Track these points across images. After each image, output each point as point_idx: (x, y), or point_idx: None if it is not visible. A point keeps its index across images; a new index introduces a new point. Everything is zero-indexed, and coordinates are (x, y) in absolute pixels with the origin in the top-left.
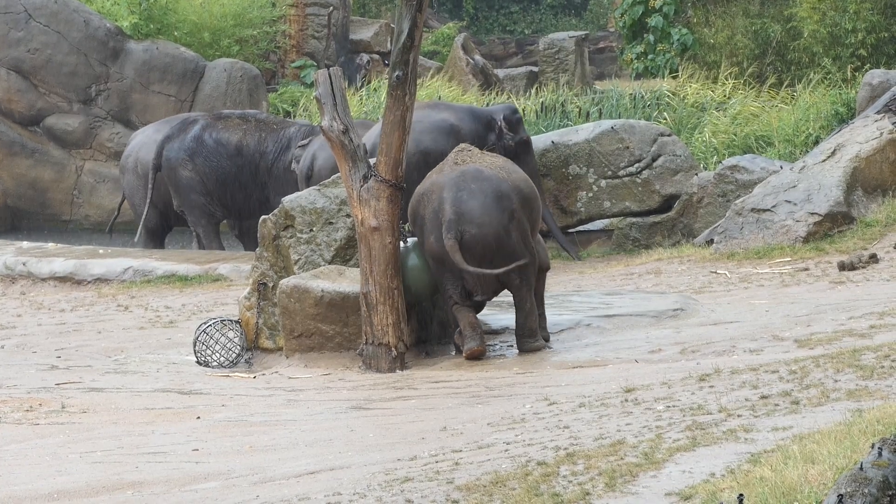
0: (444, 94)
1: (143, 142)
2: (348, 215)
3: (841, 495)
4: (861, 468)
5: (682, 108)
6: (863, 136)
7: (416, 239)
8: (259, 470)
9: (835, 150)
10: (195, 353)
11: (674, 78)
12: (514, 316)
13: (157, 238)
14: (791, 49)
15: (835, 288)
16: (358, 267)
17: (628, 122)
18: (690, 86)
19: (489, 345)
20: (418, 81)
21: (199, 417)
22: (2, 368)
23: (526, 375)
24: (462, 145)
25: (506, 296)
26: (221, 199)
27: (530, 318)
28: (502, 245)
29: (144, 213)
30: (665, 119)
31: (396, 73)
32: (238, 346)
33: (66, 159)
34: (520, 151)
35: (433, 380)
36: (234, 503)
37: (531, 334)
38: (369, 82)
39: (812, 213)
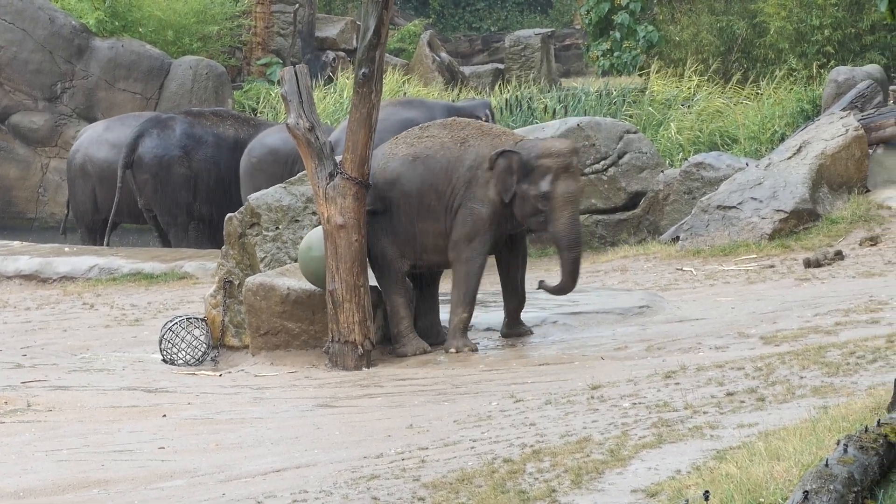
0: (408, 91)
1: (93, 138)
2: (314, 213)
3: (807, 492)
4: (826, 465)
5: (648, 105)
6: (828, 133)
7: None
8: (225, 468)
9: (800, 148)
10: (161, 351)
11: (640, 75)
12: (484, 316)
13: (100, 235)
14: (757, 46)
15: (800, 285)
16: None
17: (594, 119)
18: (656, 83)
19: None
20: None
21: (165, 415)
22: None
23: (492, 373)
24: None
25: (483, 293)
26: (211, 196)
27: (391, 324)
28: None
29: (113, 210)
30: (631, 116)
31: (362, 70)
32: (204, 344)
33: (32, 157)
34: None
35: (399, 377)
36: (201, 501)
37: (394, 339)
38: (334, 80)
39: (778, 210)
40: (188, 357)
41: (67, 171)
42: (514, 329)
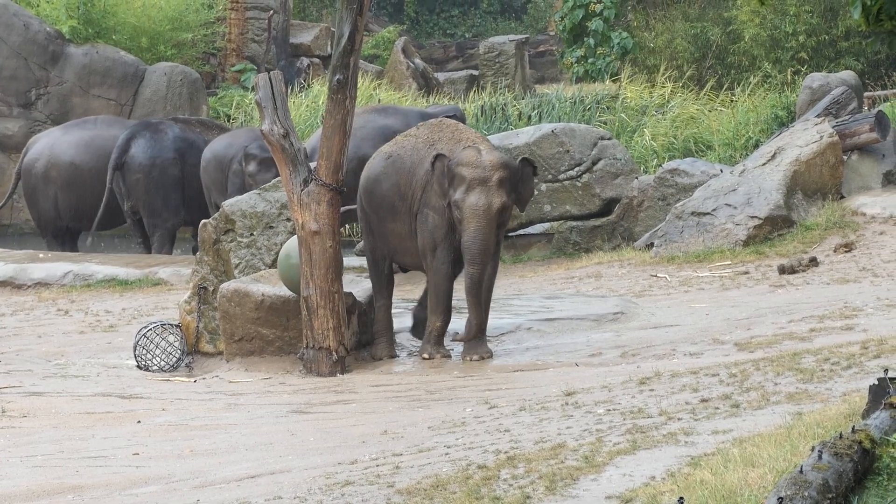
0: (380, 96)
1: (54, 143)
2: (289, 219)
3: (781, 498)
4: (801, 471)
5: (622, 112)
6: (803, 139)
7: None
8: (199, 474)
9: (775, 154)
10: (135, 357)
11: (614, 81)
12: (459, 322)
13: (70, 241)
14: (731, 52)
15: (775, 291)
16: None
17: (569, 125)
18: (630, 89)
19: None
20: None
21: (139, 421)
22: None
23: (466, 379)
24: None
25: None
26: (196, 200)
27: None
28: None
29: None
30: (605, 122)
31: (337, 76)
32: (178, 350)
33: (6, 163)
34: None
35: (374, 383)
36: None
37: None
38: (308, 86)
39: (752, 217)
40: (163, 363)
41: (26, 180)
42: (468, 349)
